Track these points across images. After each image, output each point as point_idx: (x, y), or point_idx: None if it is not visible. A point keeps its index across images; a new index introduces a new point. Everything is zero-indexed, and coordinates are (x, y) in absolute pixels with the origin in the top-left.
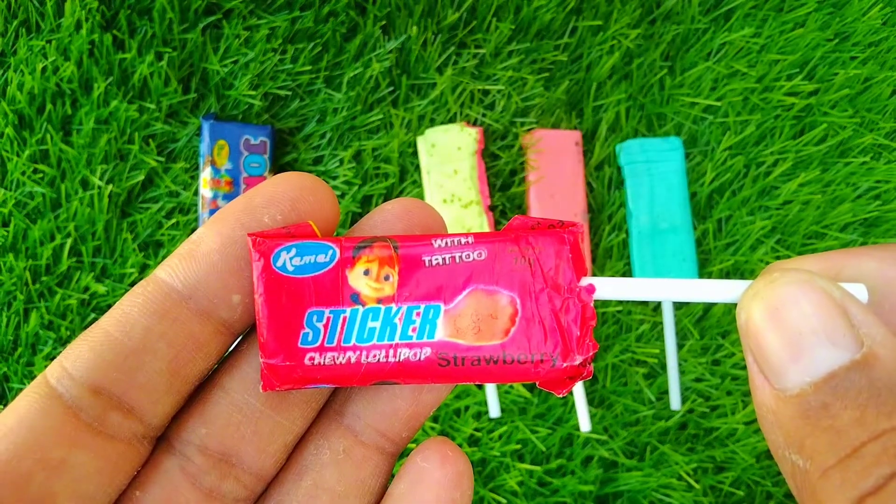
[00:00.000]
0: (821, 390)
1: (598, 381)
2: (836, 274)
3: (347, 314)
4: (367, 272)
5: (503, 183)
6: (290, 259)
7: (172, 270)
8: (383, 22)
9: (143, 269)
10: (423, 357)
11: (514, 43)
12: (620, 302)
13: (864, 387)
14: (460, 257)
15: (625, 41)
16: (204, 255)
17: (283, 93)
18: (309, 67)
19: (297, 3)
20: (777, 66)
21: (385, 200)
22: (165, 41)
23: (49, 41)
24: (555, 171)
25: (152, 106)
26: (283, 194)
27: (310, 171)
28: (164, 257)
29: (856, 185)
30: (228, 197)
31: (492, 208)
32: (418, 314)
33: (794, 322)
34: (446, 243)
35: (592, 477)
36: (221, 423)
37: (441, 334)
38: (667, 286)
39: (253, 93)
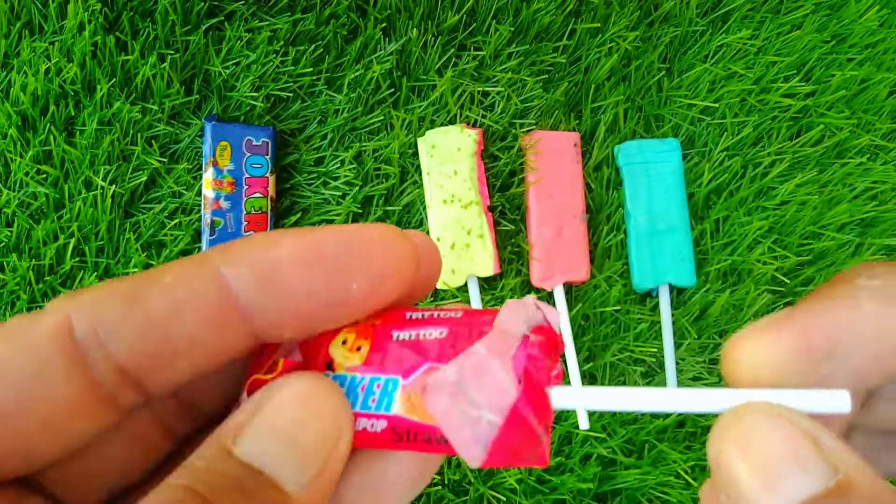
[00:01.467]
0: None
1: (596, 381)
2: (805, 343)
3: None
4: (344, 342)
5: (503, 184)
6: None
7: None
8: (384, 24)
9: (146, 269)
10: (378, 429)
11: (513, 45)
12: (619, 301)
13: None
14: (424, 335)
15: (623, 43)
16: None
17: (284, 94)
18: (310, 69)
19: (298, 6)
20: (774, 67)
21: (385, 201)
22: (168, 43)
23: (52, 43)
24: (554, 171)
25: (155, 107)
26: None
27: (311, 172)
28: (166, 258)
29: (853, 185)
30: (230, 197)
31: (491, 209)
32: (378, 385)
33: (764, 453)
34: (418, 316)
35: (591, 475)
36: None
37: (396, 409)
38: (627, 397)
39: (255, 94)
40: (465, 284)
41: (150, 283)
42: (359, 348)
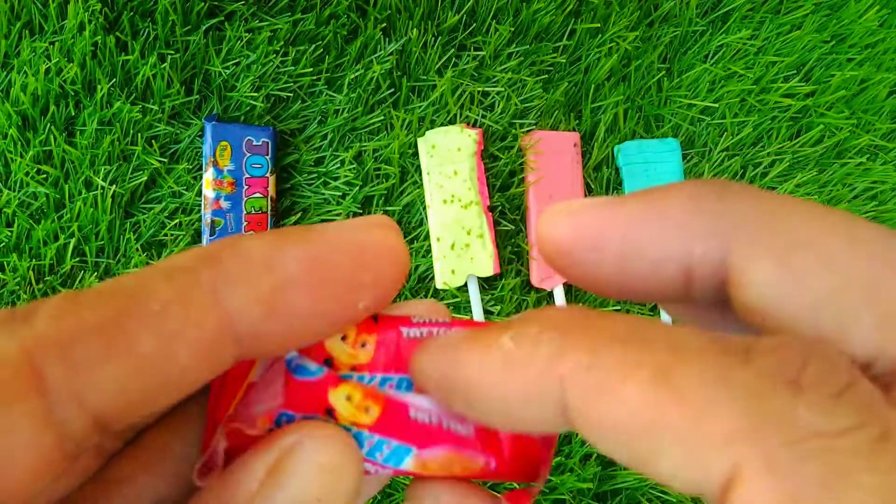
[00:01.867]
0: None
1: None
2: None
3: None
4: (344, 337)
5: (502, 184)
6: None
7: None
8: (384, 24)
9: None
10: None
11: (513, 45)
12: (619, 301)
13: None
14: (437, 332)
15: (623, 43)
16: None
17: (284, 94)
18: (310, 69)
19: (298, 6)
20: (774, 67)
21: (385, 201)
22: (168, 43)
23: (52, 43)
24: (553, 172)
25: (155, 107)
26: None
27: (311, 172)
28: (166, 257)
29: (852, 185)
30: (230, 197)
31: (491, 209)
32: (391, 385)
33: None
34: (424, 320)
35: (591, 474)
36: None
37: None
38: None
39: (255, 94)
40: (465, 284)
41: (133, 311)
42: (363, 344)
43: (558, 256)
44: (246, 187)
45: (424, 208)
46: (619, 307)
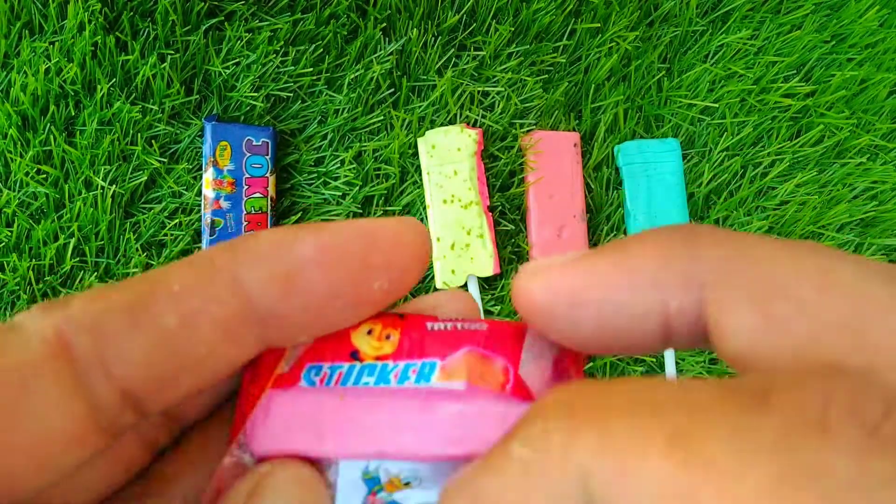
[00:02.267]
0: None
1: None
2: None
3: (344, 369)
4: (370, 332)
5: (502, 184)
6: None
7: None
8: (384, 24)
9: (146, 269)
10: None
11: (513, 45)
12: None
13: None
14: (462, 326)
15: (623, 43)
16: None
17: (284, 94)
18: (310, 69)
19: (298, 6)
20: (774, 67)
21: (385, 201)
22: (168, 43)
23: (52, 43)
24: (553, 172)
25: (155, 107)
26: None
27: (311, 172)
28: (166, 258)
29: (852, 185)
30: (230, 197)
31: (491, 209)
32: (414, 371)
33: None
34: (451, 316)
35: None
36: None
37: (435, 384)
38: None
39: (255, 94)
40: (465, 284)
41: (157, 291)
42: (388, 336)
43: (536, 317)
44: (246, 187)
45: (424, 208)
46: None
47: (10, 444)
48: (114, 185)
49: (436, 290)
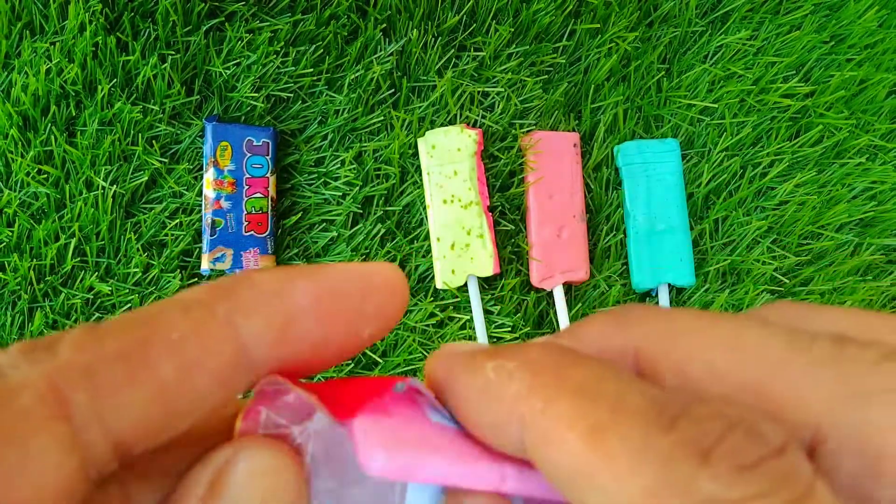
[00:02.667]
0: None
1: None
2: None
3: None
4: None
5: (502, 184)
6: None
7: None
8: (384, 25)
9: (147, 269)
10: None
11: (513, 46)
12: (618, 301)
13: None
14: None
15: (622, 44)
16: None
17: (285, 95)
18: (310, 70)
19: (298, 7)
20: (773, 68)
21: (385, 202)
22: (169, 43)
23: (53, 43)
24: (553, 172)
25: (156, 108)
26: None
27: (311, 172)
28: (167, 258)
29: (851, 185)
30: (231, 197)
31: (491, 209)
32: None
33: None
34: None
35: None
36: None
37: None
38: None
39: (255, 95)
40: (465, 284)
41: (154, 339)
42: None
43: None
44: (246, 187)
45: (424, 208)
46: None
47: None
48: (114, 186)
49: (436, 289)
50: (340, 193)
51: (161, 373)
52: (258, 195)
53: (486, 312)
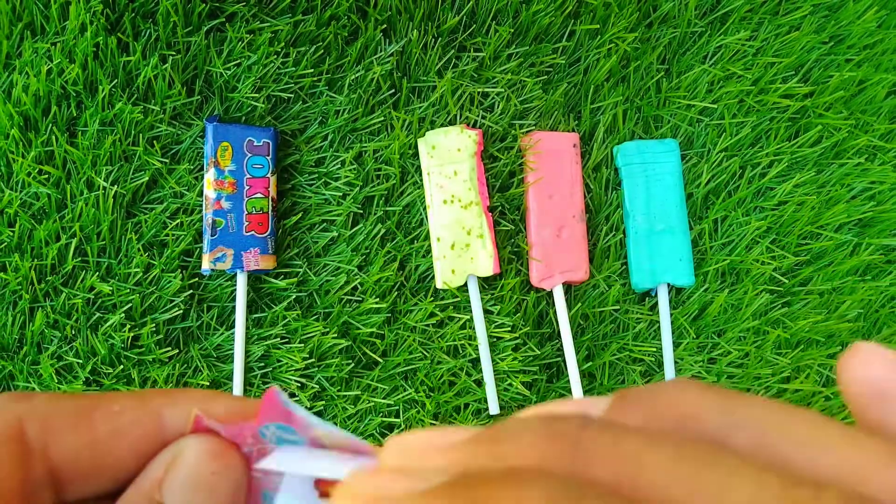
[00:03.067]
0: None
1: (595, 380)
2: None
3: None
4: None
5: (502, 184)
6: None
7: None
8: (384, 26)
9: (148, 269)
10: None
11: (512, 46)
12: (618, 300)
13: None
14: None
15: (622, 45)
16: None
17: (285, 95)
18: (311, 70)
19: (299, 7)
20: (772, 68)
21: (386, 202)
22: (169, 44)
23: (54, 44)
24: (553, 172)
25: (156, 108)
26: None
27: (312, 172)
28: (168, 258)
29: (850, 186)
30: (232, 198)
31: (491, 209)
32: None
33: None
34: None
35: None
36: None
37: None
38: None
39: (256, 95)
40: (465, 284)
41: (101, 406)
42: None
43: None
44: (247, 187)
45: (424, 208)
46: (616, 306)
47: None
48: (115, 186)
49: (436, 289)
50: (341, 193)
51: (97, 430)
52: (259, 195)
53: (486, 312)
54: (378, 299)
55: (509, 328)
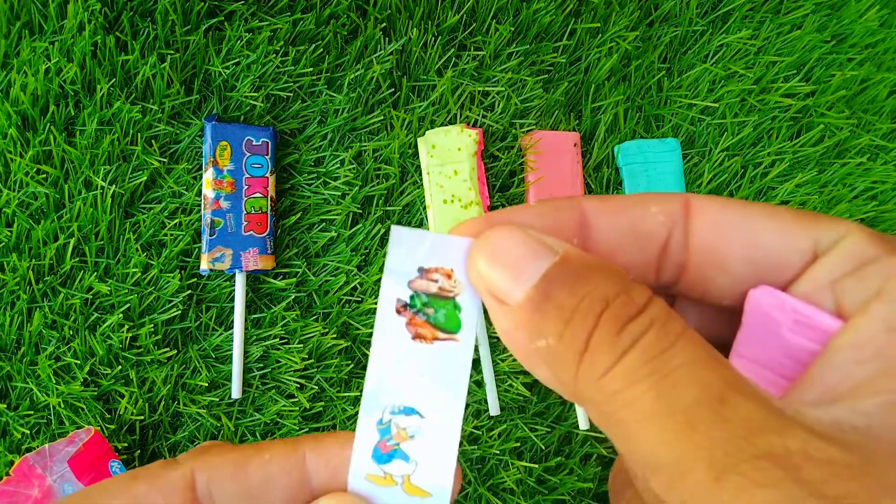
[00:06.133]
0: (540, 287)
1: None
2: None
3: None
4: None
5: (502, 184)
6: None
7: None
8: (384, 24)
9: (146, 269)
10: None
11: (513, 45)
12: None
13: (566, 274)
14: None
15: (623, 43)
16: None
17: (284, 94)
18: (310, 69)
19: (298, 6)
20: (774, 67)
21: (385, 201)
22: (168, 43)
23: (52, 43)
24: (553, 172)
25: (155, 107)
26: None
27: (311, 172)
28: (166, 258)
29: (852, 185)
30: (231, 197)
31: (491, 209)
32: None
33: (508, 256)
34: None
35: (591, 475)
36: None
37: None
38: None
39: (255, 94)
40: None
41: (257, 455)
42: None
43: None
44: (246, 187)
45: (424, 208)
46: None
47: None
48: (114, 185)
49: None
50: (340, 193)
51: (250, 479)
52: (257, 195)
53: (487, 312)
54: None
55: None
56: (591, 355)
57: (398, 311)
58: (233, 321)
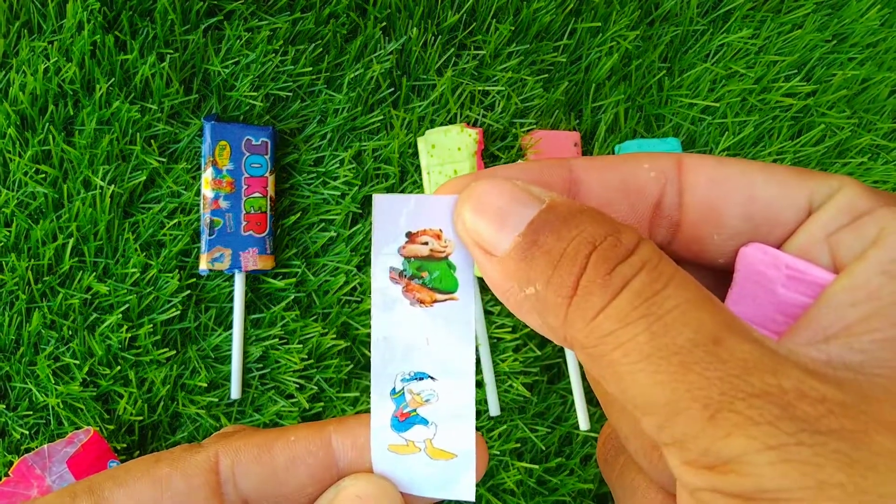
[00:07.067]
0: (527, 235)
1: None
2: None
3: None
4: None
5: None
6: None
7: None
8: (383, 23)
9: (145, 269)
10: None
11: (513, 44)
12: None
13: (553, 220)
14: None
15: (623, 43)
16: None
17: (284, 94)
18: (310, 69)
19: (297, 5)
20: (775, 67)
21: None
22: (167, 42)
23: (51, 42)
24: None
25: (154, 107)
26: None
27: (310, 172)
28: (165, 257)
29: None
30: (230, 197)
31: None
32: None
33: (494, 205)
34: None
35: (591, 475)
36: None
37: None
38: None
39: (254, 94)
40: None
41: (281, 437)
42: None
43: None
44: (245, 187)
45: None
46: None
47: None
48: (113, 185)
49: None
50: (340, 193)
51: (276, 460)
52: (257, 195)
53: (487, 313)
54: None
55: (510, 329)
56: (580, 297)
57: (393, 280)
58: (232, 321)
